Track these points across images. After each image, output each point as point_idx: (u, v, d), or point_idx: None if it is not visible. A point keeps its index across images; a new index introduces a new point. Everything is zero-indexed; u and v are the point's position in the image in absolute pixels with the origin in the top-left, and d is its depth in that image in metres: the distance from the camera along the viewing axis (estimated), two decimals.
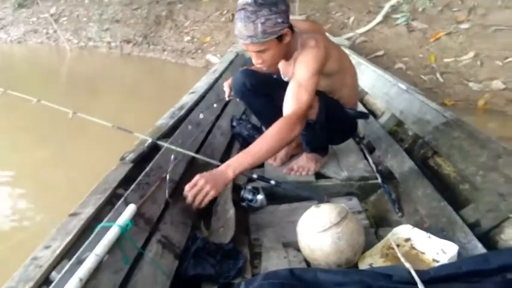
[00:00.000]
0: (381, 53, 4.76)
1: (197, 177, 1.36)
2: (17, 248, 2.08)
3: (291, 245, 1.41)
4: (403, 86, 2.27)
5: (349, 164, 1.96)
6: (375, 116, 2.53)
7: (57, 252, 1.00)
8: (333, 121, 1.69)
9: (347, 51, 3.73)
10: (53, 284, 0.89)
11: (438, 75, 4.27)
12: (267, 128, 1.50)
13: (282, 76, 1.73)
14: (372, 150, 2.16)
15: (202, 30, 7.24)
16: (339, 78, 1.67)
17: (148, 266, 1.13)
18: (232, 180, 1.73)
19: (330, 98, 1.64)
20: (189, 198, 1.34)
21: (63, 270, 0.93)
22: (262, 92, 1.77)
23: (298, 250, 1.35)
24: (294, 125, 1.42)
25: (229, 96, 1.94)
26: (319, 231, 1.22)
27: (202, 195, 1.33)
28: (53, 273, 0.95)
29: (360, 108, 2.65)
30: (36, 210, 2.62)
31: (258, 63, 1.50)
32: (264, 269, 1.30)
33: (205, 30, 7.20)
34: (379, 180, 1.81)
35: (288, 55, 1.56)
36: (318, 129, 1.58)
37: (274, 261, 1.33)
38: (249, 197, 1.66)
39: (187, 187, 1.35)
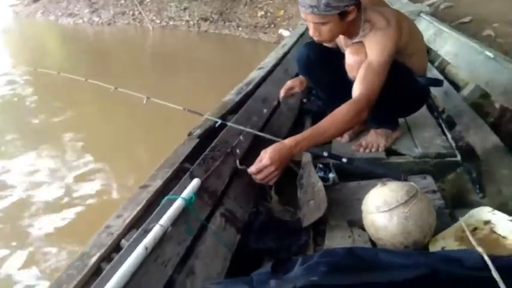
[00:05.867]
0: (467, 19, 4.30)
1: (262, 155, 1.37)
2: (98, 215, 2.28)
3: (357, 223, 1.36)
4: (490, 54, 2.04)
5: (424, 139, 1.82)
6: (458, 88, 2.32)
7: (127, 221, 1.07)
8: (401, 91, 1.57)
9: (428, 18, 3.46)
10: (122, 251, 0.95)
11: None
12: (333, 102, 1.46)
13: (342, 49, 1.66)
14: (451, 125, 1.98)
15: (276, 4, 7.15)
16: (410, 47, 1.55)
17: (211, 238, 1.16)
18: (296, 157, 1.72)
19: (397, 63, 1.52)
20: (258, 179, 1.39)
21: (131, 239, 0.99)
22: (327, 65, 1.70)
23: (364, 229, 1.30)
24: (362, 110, 1.41)
25: (283, 97, 1.93)
26: (385, 210, 1.16)
27: (269, 177, 1.37)
28: (123, 241, 1.01)
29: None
30: (113, 183, 2.87)
31: (314, 35, 1.46)
32: (327, 247, 1.27)
33: (279, 4, 7.10)
34: (459, 157, 1.66)
35: (349, 32, 1.50)
36: (384, 101, 1.48)
37: (337, 240, 1.29)
38: (321, 175, 1.62)
39: (253, 169, 1.38)
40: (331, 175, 1.63)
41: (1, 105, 4.57)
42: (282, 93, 1.92)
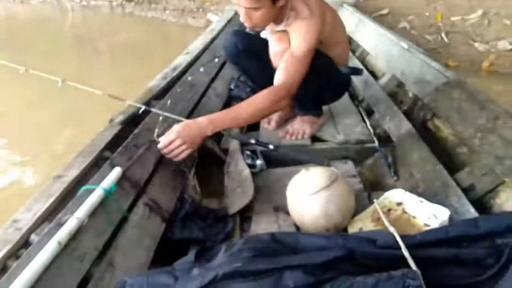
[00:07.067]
0: (385, 11, 4.59)
1: (172, 134, 1.34)
2: (5, 209, 2.08)
3: (282, 209, 1.39)
4: (404, 45, 2.18)
5: (346, 127, 1.91)
6: (376, 78, 2.45)
7: (38, 215, 0.98)
8: (323, 79, 1.63)
9: (350, 8, 3.60)
10: (30, 247, 0.88)
11: (443, 34, 4.12)
12: (261, 89, 1.46)
13: (268, 35, 1.67)
14: (370, 113, 2.10)
15: None
16: (332, 38, 1.60)
17: (134, 229, 1.12)
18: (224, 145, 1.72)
19: (321, 54, 1.57)
20: (165, 153, 1.37)
21: (42, 233, 0.92)
22: (254, 53, 1.71)
23: (289, 214, 1.33)
24: (282, 98, 1.43)
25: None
26: (308, 195, 1.20)
27: (176, 152, 1.35)
28: (33, 236, 0.93)
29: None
30: (25, 172, 2.64)
31: (245, 21, 1.45)
32: (253, 233, 1.28)
33: None
34: (376, 143, 1.76)
35: (277, 19, 1.52)
36: (309, 89, 1.52)
37: (263, 226, 1.31)
38: (249, 162, 1.63)
39: (161, 144, 1.36)
40: (259, 162, 1.64)
41: None
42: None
